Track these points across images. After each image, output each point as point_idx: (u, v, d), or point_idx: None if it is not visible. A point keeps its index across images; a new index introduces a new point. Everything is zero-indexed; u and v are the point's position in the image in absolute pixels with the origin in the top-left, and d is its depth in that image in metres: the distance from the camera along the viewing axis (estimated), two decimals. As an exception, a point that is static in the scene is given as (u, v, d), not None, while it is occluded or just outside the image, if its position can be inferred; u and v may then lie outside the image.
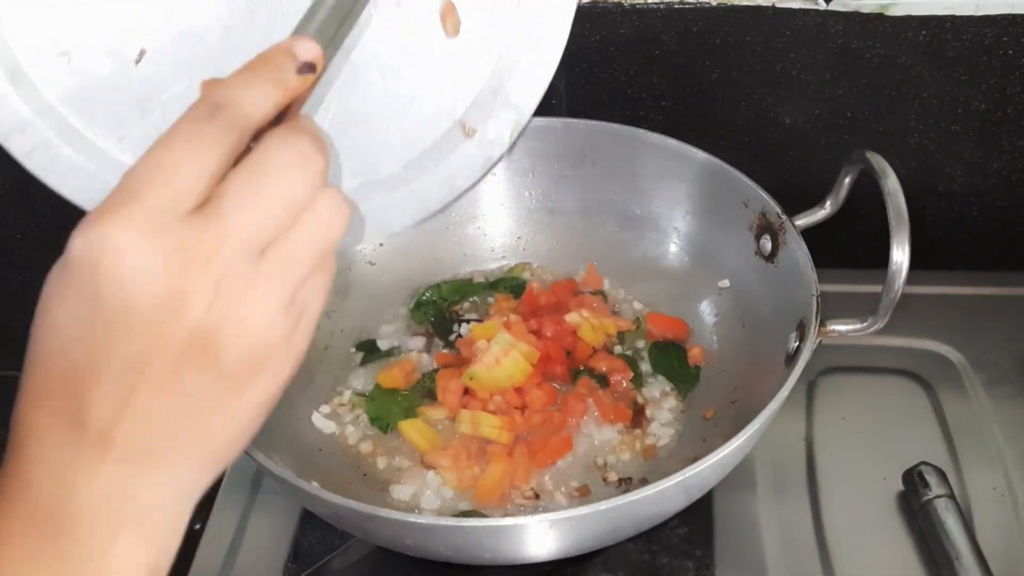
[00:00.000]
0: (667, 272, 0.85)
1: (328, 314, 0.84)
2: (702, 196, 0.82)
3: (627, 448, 0.74)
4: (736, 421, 0.65)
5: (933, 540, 0.68)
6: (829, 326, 0.67)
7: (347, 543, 0.73)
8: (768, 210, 0.75)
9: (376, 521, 0.60)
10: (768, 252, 0.76)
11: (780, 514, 0.74)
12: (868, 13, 0.81)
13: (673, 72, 0.87)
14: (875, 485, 0.74)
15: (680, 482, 0.59)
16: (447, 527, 0.61)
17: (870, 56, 0.84)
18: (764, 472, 0.76)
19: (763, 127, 0.89)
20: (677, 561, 0.71)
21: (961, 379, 0.82)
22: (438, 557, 0.65)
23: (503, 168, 0.88)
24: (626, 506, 0.58)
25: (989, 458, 0.76)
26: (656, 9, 0.83)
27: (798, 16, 0.82)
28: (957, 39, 0.82)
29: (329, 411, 0.79)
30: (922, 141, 0.88)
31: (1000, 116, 0.86)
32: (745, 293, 0.79)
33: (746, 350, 0.77)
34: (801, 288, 0.70)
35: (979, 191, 0.91)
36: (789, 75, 0.86)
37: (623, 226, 0.87)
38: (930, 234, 0.93)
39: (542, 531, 0.59)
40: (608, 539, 0.67)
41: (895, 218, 0.63)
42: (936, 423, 0.79)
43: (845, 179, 0.72)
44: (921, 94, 0.85)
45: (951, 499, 0.69)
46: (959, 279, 0.90)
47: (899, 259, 0.63)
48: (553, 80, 0.88)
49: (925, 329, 0.85)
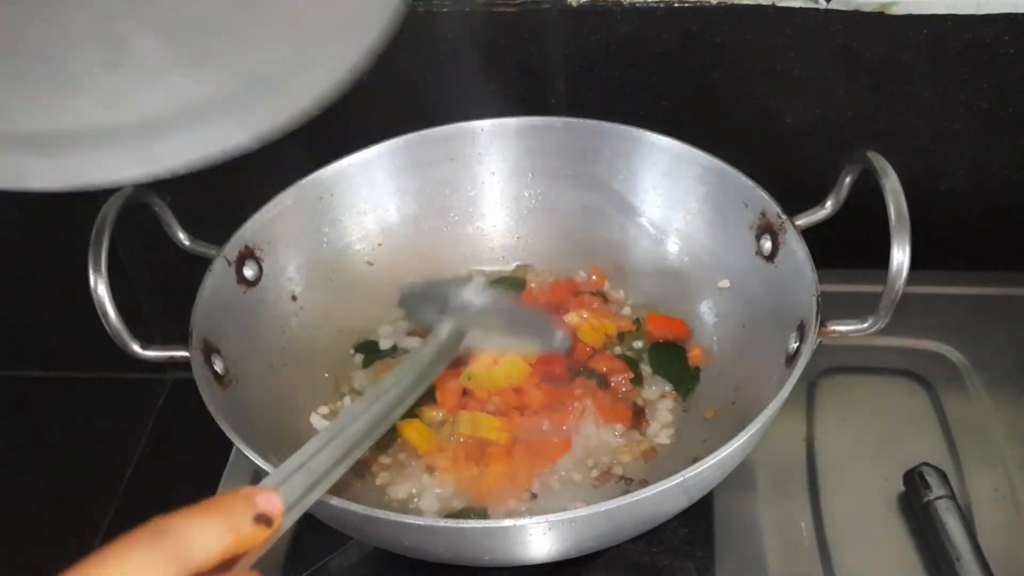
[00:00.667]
0: (667, 272, 0.85)
1: (327, 314, 0.84)
2: (702, 196, 0.81)
3: (627, 449, 0.74)
4: (736, 422, 0.64)
5: (934, 541, 0.68)
6: (829, 326, 0.67)
7: (345, 544, 0.73)
8: (768, 210, 0.75)
9: (374, 522, 0.59)
10: (768, 252, 0.75)
11: (780, 515, 0.73)
12: (869, 12, 0.81)
13: (673, 72, 0.87)
14: (876, 486, 0.74)
15: (680, 483, 0.59)
16: (446, 528, 0.60)
17: (871, 55, 0.83)
18: (764, 473, 0.76)
19: (763, 127, 0.89)
20: (677, 562, 0.70)
21: (962, 379, 0.82)
22: (437, 558, 0.64)
23: (503, 168, 0.88)
24: (626, 507, 0.58)
25: (990, 459, 0.76)
26: (656, 8, 0.83)
27: (798, 15, 0.82)
28: (958, 38, 0.81)
29: (328, 411, 0.79)
30: (923, 140, 0.88)
31: (1001, 115, 0.86)
32: (745, 293, 0.79)
33: (746, 350, 0.77)
34: (801, 288, 0.70)
35: (981, 190, 0.91)
36: (789, 74, 0.85)
37: (623, 226, 0.86)
38: (931, 234, 0.92)
39: (541, 532, 0.59)
40: (608, 540, 0.67)
41: (896, 218, 0.63)
42: (937, 424, 0.78)
43: (846, 179, 0.72)
44: (922, 93, 0.85)
45: (952, 500, 0.69)
46: (960, 279, 0.90)
47: (900, 259, 0.63)
48: (553, 79, 0.89)
49: (926, 329, 0.85)
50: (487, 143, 0.86)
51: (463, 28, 0.86)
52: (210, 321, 0.72)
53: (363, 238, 0.86)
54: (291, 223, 0.81)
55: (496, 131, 0.86)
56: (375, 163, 0.85)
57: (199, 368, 0.68)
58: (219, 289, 0.74)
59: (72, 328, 0.94)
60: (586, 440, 0.75)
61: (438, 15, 0.85)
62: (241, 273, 0.77)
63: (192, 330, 0.70)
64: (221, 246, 0.76)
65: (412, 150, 0.85)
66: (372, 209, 0.86)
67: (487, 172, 0.88)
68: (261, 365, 0.77)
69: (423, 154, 0.86)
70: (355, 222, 0.86)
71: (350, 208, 0.85)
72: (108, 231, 0.68)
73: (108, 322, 0.68)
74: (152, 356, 0.70)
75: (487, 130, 0.86)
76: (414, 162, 0.86)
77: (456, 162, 0.87)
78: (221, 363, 0.71)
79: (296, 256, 0.82)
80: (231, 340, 0.74)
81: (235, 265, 0.77)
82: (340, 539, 0.73)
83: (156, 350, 0.70)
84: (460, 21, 0.85)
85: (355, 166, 0.84)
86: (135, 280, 1.06)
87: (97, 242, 0.67)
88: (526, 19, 0.85)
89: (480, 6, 0.84)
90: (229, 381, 0.72)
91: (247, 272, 0.78)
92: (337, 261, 0.85)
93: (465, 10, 0.85)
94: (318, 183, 0.83)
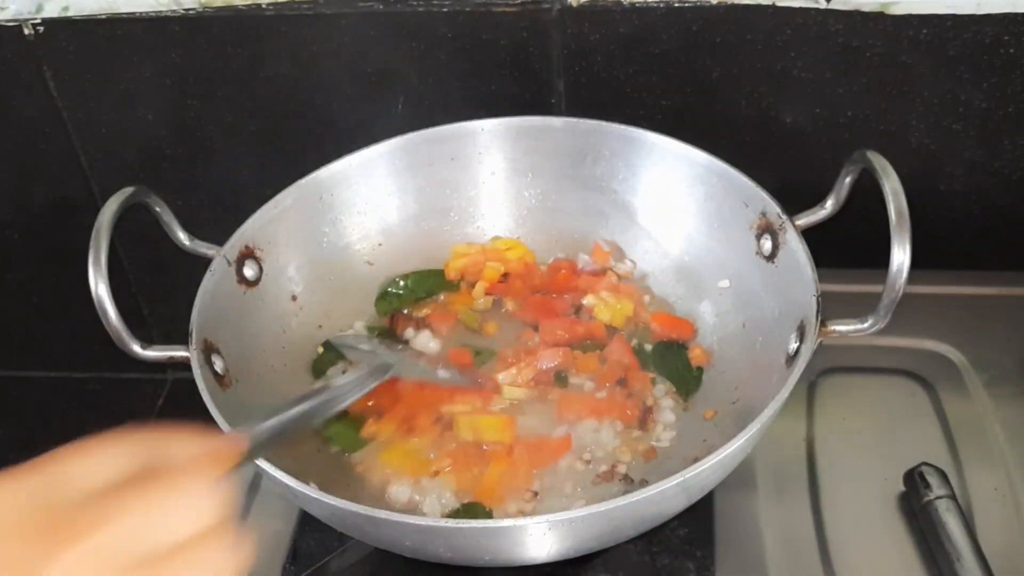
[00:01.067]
0: (667, 272, 0.85)
1: (327, 314, 0.84)
2: (702, 196, 0.81)
3: (627, 449, 0.74)
4: (736, 422, 0.64)
5: (934, 541, 0.68)
6: (829, 326, 0.67)
7: (346, 545, 0.73)
8: (768, 210, 0.75)
9: (374, 522, 0.59)
10: (768, 252, 0.75)
11: (781, 515, 0.73)
12: (869, 12, 0.81)
13: (673, 71, 0.87)
14: (876, 486, 0.74)
15: (680, 483, 0.59)
16: (446, 528, 0.60)
17: (871, 55, 0.83)
18: (765, 473, 0.76)
19: (763, 126, 0.89)
20: (678, 562, 0.70)
21: (962, 379, 0.82)
22: (437, 559, 0.64)
23: (503, 168, 0.88)
24: (626, 507, 0.58)
25: (990, 458, 0.76)
26: (656, 8, 0.83)
27: (798, 15, 0.82)
28: (958, 38, 0.81)
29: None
30: (923, 140, 0.88)
31: (1001, 115, 0.86)
32: (745, 293, 0.79)
33: (746, 350, 0.77)
34: (801, 288, 0.70)
35: (980, 190, 0.91)
36: (790, 74, 0.85)
37: (623, 226, 0.86)
38: (931, 234, 0.92)
39: (541, 532, 0.59)
40: (608, 540, 0.67)
41: (896, 218, 0.63)
42: (937, 423, 0.78)
43: (846, 179, 0.72)
44: (922, 93, 0.85)
45: (952, 500, 0.69)
46: (960, 279, 0.90)
47: (900, 259, 0.63)
48: (553, 79, 0.89)
49: (926, 329, 0.85)
50: (487, 143, 0.86)
51: (463, 28, 0.86)
52: (210, 321, 0.72)
53: (363, 238, 0.86)
54: (291, 223, 0.81)
55: (496, 131, 0.86)
56: (375, 163, 0.85)
57: (199, 368, 0.68)
58: (219, 289, 0.74)
59: (72, 328, 0.94)
60: (587, 440, 0.75)
61: (438, 15, 0.85)
62: (241, 273, 0.77)
63: (192, 330, 0.70)
64: (221, 246, 0.76)
65: (412, 150, 0.85)
66: (372, 209, 0.86)
67: (487, 172, 0.88)
68: (261, 365, 0.77)
69: (423, 154, 0.86)
70: (355, 222, 0.86)
71: (350, 208, 0.85)
72: (108, 231, 0.68)
73: (108, 322, 0.68)
74: (152, 356, 0.70)
75: (487, 130, 0.86)
76: (414, 162, 0.86)
77: (456, 162, 0.87)
78: (221, 363, 0.71)
79: (296, 256, 0.82)
80: (231, 340, 0.74)
81: (235, 265, 0.77)
82: (340, 539, 0.73)
83: (156, 350, 0.70)
84: (460, 21, 0.86)
85: (355, 166, 0.84)
86: (135, 280, 1.06)
87: (97, 242, 0.67)
88: (526, 19, 0.85)
89: (480, 6, 0.85)
90: (229, 381, 0.72)
91: (247, 272, 0.78)
92: (337, 261, 0.85)
93: (465, 10, 0.85)
94: (318, 183, 0.83)
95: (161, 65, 0.90)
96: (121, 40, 0.89)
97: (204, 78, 0.91)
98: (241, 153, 0.95)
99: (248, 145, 0.95)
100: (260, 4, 0.86)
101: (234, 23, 0.87)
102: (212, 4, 0.86)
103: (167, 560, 0.37)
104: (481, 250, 0.87)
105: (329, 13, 0.86)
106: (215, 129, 0.94)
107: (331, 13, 0.86)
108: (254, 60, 0.90)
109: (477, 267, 0.86)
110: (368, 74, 0.90)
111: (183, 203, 0.80)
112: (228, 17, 0.87)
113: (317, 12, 0.86)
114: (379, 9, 0.86)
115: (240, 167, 0.96)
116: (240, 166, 0.96)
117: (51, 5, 0.87)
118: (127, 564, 0.36)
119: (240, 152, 0.95)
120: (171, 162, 0.97)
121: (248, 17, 0.87)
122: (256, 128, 0.94)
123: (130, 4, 0.87)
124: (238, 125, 0.94)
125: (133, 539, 0.36)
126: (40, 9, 0.87)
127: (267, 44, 0.89)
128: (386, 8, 0.85)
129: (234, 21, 0.87)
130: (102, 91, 0.93)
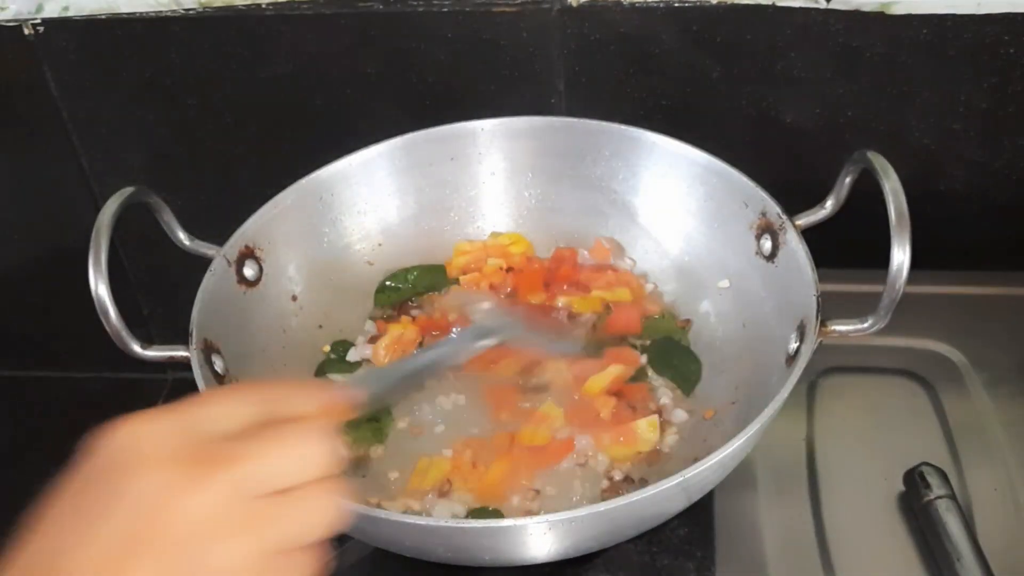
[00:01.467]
0: (667, 272, 0.85)
1: (327, 314, 0.84)
2: (702, 196, 0.81)
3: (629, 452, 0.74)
4: (736, 421, 0.64)
5: (934, 541, 0.68)
6: (829, 326, 0.67)
7: (345, 544, 0.73)
8: (768, 210, 0.75)
9: (375, 522, 0.59)
10: (768, 252, 0.75)
11: (781, 515, 0.73)
12: (869, 12, 0.81)
13: (673, 71, 0.87)
14: (876, 486, 0.74)
15: (680, 483, 0.59)
16: (446, 528, 0.60)
17: (871, 55, 0.83)
18: (764, 473, 0.76)
19: (763, 126, 0.89)
20: (677, 562, 0.70)
21: (962, 379, 0.82)
22: (437, 559, 0.64)
23: (503, 168, 0.88)
24: (626, 507, 0.58)
25: (990, 458, 0.76)
26: (656, 8, 0.83)
27: (798, 15, 0.82)
28: (958, 38, 0.81)
29: (328, 412, 0.79)
30: (923, 140, 0.88)
31: (1001, 115, 0.86)
32: (745, 293, 0.79)
33: (746, 350, 0.77)
34: (801, 288, 0.70)
35: (981, 190, 0.91)
36: (789, 74, 0.85)
37: (623, 225, 0.86)
38: (931, 234, 0.92)
39: (542, 532, 0.59)
40: (608, 540, 0.67)
41: (896, 218, 0.63)
42: (937, 423, 0.78)
43: (846, 179, 0.72)
44: (922, 93, 0.85)
45: (952, 500, 0.69)
46: (960, 279, 0.90)
47: (900, 259, 0.63)
48: (553, 79, 0.89)
49: (926, 329, 0.85)
50: (487, 143, 0.86)
51: (463, 28, 0.86)
52: (210, 321, 0.72)
53: (363, 238, 0.86)
54: (291, 223, 0.81)
55: (496, 131, 0.86)
56: (375, 163, 0.85)
57: (199, 368, 0.68)
58: (219, 289, 0.74)
59: (72, 328, 0.94)
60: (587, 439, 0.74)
61: (438, 15, 0.85)
62: (241, 273, 0.77)
63: (192, 330, 0.70)
64: (221, 246, 0.76)
65: (412, 150, 0.85)
66: (372, 209, 0.86)
67: (487, 172, 0.88)
68: (261, 365, 0.77)
69: (423, 154, 0.86)
70: (355, 222, 0.86)
71: (350, 208, 0.85)
72: (108, 231, 0.68)
73: (108, 322, 0.68)
74: (152, 356, 0.70)
75: (487, 130, 0.86)
76: (414, 162, 0.86)
77: (456, 162, 0.87)
78: (221, 363, 0.71)
79: (296, 256, 0.82)
80: (231, 340, 0.73)
81: (235, 265, 0.77)
82: (340, 539, 0.73)
83: (156, 350, 0.70)
84: (460, 21, 0.86)
85: (355, 166, 0.84)
86: (135, 280, 1.06)
87: (97, 242, 0.67)
88: (526, 19, 0.85)
89: (480, 6, 0.84)
90: (229, 381, 0.71)
91: (247, 272, 0.78)
92: (337, 261, 0.85)
93: (465, 10, 0.85)
94: (318, 183, 0.83)
95: (161, 65, 0.90)
96: (121, 40, 0.89)
97: (204, 78, 0.91)
98: (241, 153, 0.95)
99: (248, 145, 0.95)
100: (260, 4, 0.86)
101: (234, 23, 0.87)
102: (212, 4, 0.86)
103: (285, 499, 0.41)
104: (483, 246, 0.87)
105: (329, 13, 0.86)
106: (215, 129, 0.94)
107: (331, 13, 0.86)
108: (254, 60, 0.90)
109: (479, 264, 0.86)
110: (368, 74, 0.90)
111: (183, 203, 0.80)
112: (228, 17, 0.87)
113: (317, 12, 0.86)
114: (379, 9, 0.86)
115: (240, 167, 0.96)
116: (240, 166, 0.96)
117: (51, 5, 0.87)
118: (254, 497, 0.40)
119: (240, 152, 0.95)
120: (171, 162, 0.97)
121: (248, 17, 0.87)
122: (256, 128, 0.94)
123: (130, 4, 0.87)
124: (238, 125, 0.94)
125: (262, 476, 0.40)
126: (40, 9, 0.87)
127: (267, 44, 0.89)
128: (386, 8, 0.85)
129: (234, 21, 0.87)
130: (102, 91, 0.93)
